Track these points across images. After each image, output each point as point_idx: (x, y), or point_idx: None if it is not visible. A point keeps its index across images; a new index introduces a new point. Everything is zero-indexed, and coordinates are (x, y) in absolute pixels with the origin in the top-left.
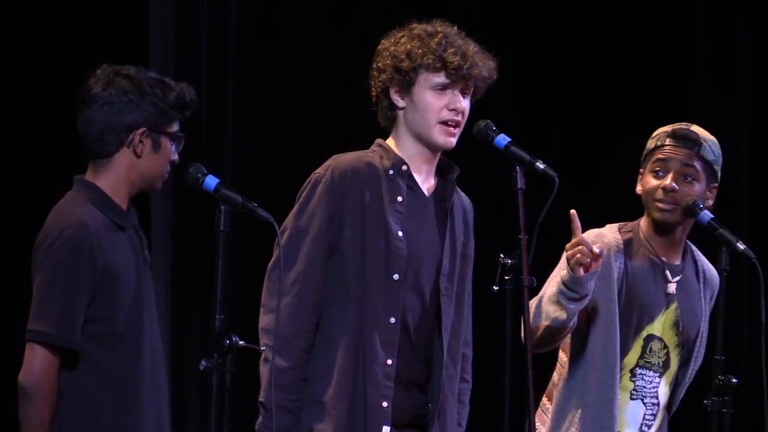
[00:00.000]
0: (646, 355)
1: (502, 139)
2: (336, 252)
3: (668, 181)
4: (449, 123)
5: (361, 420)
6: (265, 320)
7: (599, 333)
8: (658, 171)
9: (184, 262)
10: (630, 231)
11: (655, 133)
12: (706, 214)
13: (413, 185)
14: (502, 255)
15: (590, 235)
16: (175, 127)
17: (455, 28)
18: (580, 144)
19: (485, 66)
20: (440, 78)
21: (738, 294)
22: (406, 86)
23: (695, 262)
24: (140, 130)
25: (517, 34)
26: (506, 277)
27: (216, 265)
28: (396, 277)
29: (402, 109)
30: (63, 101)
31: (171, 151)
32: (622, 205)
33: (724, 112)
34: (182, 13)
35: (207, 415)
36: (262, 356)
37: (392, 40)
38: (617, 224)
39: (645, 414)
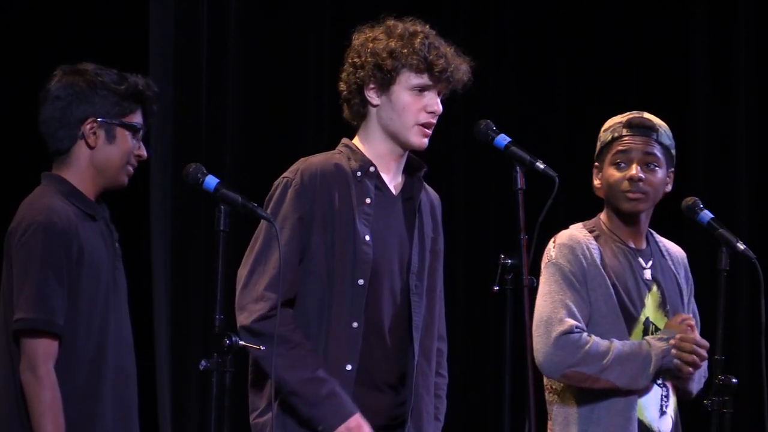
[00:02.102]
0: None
1: (502, 139)
2: (306, 255)
3: (634, 171)
4: (426, 125)
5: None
6: (238, 320)
7: (610, 329)
8: (619, 162)
9: (184, 262)
10: (594, 228)
11: (607, 125)
12: (706, 214)
13: (381, 185)
14: (502, 255)
15: (564, 238)
16: (134, 119)
17: (428, 26)
18: (579, 144)
19: (464, 69)
20: (422, 80)
21: (738, 294)
22: (385, 85)
23: (657, 244)
24: (89, 121)
25: (517, 35)
26: (506, 277)
27: (216, 265)
28: (360, 282)
29: (376, 106)
30: None
31: (131, 144)
32: None
33: (724, 113)
34: (182, 13)
35: (207, 415)
36: (260, 362)
37: (368, 36)
38: (578, 224)
39: (661, 395)
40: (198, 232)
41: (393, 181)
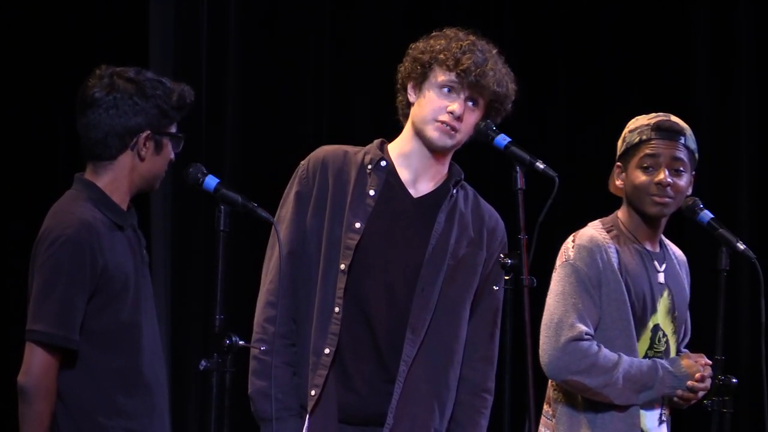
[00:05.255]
0: (655, 345)
1: (502, 139)
2: (304, 239)
3: (662, 176)
4: (444, 123)
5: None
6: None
7: (619, 335)
8: (647, 167)
9: (184, 262)
10: (612, 227)
11: (633, 126)
12: (706, 214)
13: (395, 182)
14: (502, 255)
15: (584, 238)
16: (174, 128)
17: (494, 50)
18: (580, 144)
19: (499, 82)
20: (449, 77)
21: (738, 294)
22: (420, 81)
23: (666, 246)
24: (145, 134)
25: (517, 34)
26: (506, 277)
27: (216, 265)
28: (342, 266)
29: (412, 105)
30: (63, 101)
31: (173, 153)
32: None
33: (725, 113)
34: (182, 13)
35: (207, 415)
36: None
37: (432, 35)
38: (597, 223)
39: (662, 405)
40: (198, 232)
41: (417, 183)
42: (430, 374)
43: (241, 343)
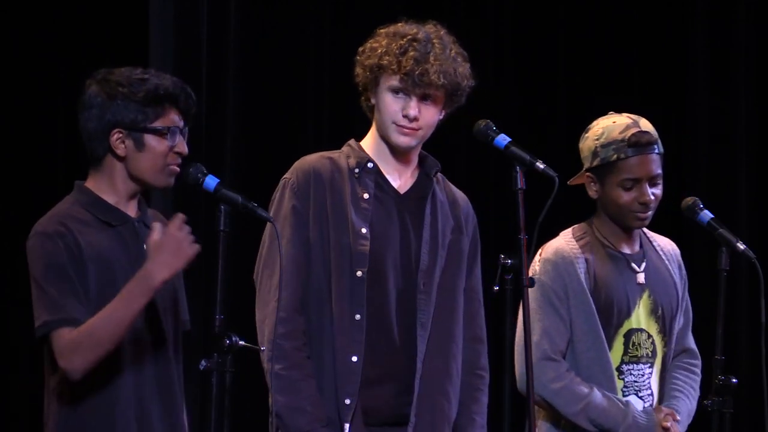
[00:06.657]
0: (630, 350)
1: (502, 139)
2: (309, 252)
3: (646, 197)
4: (403, 126)
5: (335, 420)
6: (259, 333)
7: (589, 347)
8: (629, 186)
9: None
10: (584, 234)
11: (605, 140)
12: (706, 214)
13: (382, 182)
14: (502, 255)
15: (549, 251)
16: (160, 122)
17: (441, 31)
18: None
19: (444, 73)
20: (394, 81)
21: (738, 294)
22: (373, 85)
23: (651, 242)
24: (115, 133)
25: (516, 34)
26: (506, 277)
27: (216, 265)
28: (359, 274)
29: (373, 106)
30: (63, 102)
31: (165, 146)
32: None
33: (724, 112)
34: (182, 13)
35: (207, 415)
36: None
37: (375, 36)
38: (569, 231)
39: (644, 407)
40: (198, 232)
41: (399, 179)
42: (442, 364)
43: (241, 343)
